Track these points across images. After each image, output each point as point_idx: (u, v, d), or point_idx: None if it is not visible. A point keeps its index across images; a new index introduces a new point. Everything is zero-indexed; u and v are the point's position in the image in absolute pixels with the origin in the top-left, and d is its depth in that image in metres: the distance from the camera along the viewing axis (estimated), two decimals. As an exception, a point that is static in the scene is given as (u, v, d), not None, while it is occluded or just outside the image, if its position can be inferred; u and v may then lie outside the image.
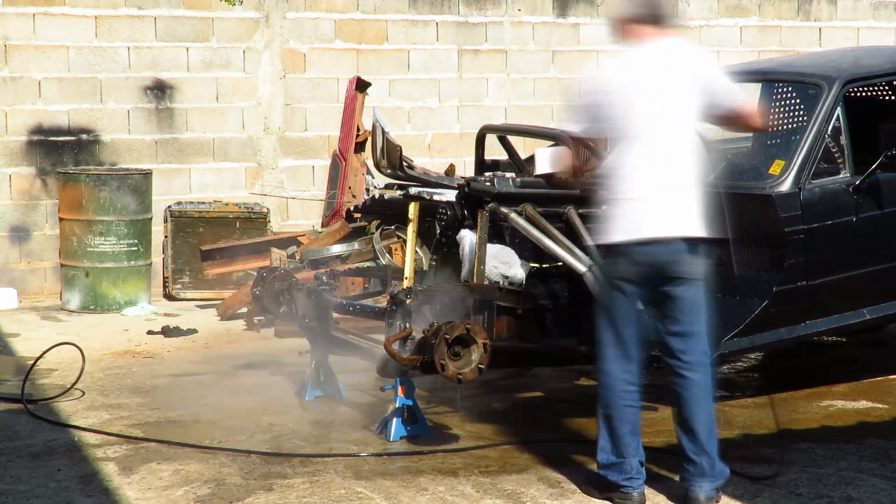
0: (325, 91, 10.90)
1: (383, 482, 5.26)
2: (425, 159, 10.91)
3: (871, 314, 6.82)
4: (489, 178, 6.58)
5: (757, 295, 6.37)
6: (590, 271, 6.18)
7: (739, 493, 5.11)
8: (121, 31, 10.23)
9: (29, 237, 10.08)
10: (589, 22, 11.91)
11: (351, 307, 6.54)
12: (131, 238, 9.66)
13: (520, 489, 5.18)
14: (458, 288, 6.02)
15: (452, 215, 6.40)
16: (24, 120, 10.01)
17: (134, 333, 8.71)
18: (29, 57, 9.98)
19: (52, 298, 10.04)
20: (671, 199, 4.88)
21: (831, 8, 12.92)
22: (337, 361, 7.02)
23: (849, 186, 6.65)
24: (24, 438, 5.96)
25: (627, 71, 5.03)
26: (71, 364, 7.32)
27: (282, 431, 6.10)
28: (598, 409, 5.03)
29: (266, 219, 10.23)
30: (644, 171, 4.89)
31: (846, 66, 7.01)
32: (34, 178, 10.06)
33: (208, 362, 7.76)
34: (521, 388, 6.99)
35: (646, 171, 4.89)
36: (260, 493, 5.13)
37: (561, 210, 6.49)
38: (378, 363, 5.90)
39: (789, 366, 7.56)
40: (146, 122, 10.34)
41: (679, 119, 4.93)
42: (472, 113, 11.40)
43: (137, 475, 5.38)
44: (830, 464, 5.53)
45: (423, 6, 11.25)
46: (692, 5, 12.33)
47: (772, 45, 12.64)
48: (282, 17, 10.72)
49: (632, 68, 5.02)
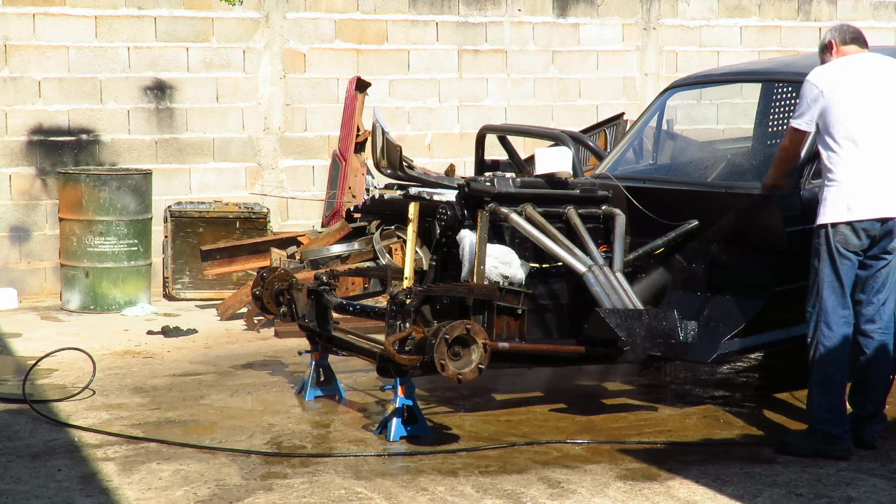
0: (325, 91, 10.90)
1: (383, 482, 5.26)
2: (425, 159, 10.92)
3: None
4: (489, 178, 6.58)
5: (757, 295, 6.37)
6: (590, 271, 6.19)
7: (740, 494, 5.12)
8: (121, 31, 10.23)
9: (29, 237, 10.08)
10: (589, 22, 11.91)
11: (351, 307, 6.54)
12: (131, 238, 9.66)
13: (520, 489, 5.18)
14: (458, 288, 6.02)
15: (452, 215, 6.40)
16: (24, 120, 10.01)
17: (134, 333, 8.71)
18: (29, 57, 9.98)
19: (52, 298, 10.04)
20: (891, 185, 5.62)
21: (831, 8, 12.92)
22: (337, 361, 7.03)
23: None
24: (24, 438, 5.96)
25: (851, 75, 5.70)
26: (71, 365, 7.32)
27: (282, 431, 6.10)
28: (813, 371, 5.70)
29: (266, 219, 10.23)
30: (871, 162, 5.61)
31: (846, 66, 6.99)
32: (34, 178, 10.06)
33: (208, 362, 7.76)
34: (521, 388, 6.99)
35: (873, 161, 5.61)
36: (260, 493, 5.13)
37: (561, 210, 6.49)
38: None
39: (789, 366, 7.55)
40: (146, 122, 10.34)
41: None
42: (472, 113, 11.40)
43: (137, 475, 5.38)
44: (830, 464, 5.53)
45: (423, 6, 11.26)
46: (692, 5, 12.33)
47: (772, 45, 12.65)
48: (282, 17, 10.72)
49: (853, 74, 5.70)
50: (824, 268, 5.65)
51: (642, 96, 11.95)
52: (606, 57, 12.01)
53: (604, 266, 6.24)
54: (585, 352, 6.23)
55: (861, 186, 5.57)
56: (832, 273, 5.64)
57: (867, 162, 5.58)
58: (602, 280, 6.16)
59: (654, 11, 12.16)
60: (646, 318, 6.01)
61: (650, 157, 7.64)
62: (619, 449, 5.78)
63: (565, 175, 6.63)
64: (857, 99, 5.61)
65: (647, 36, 12.16)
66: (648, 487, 5.20)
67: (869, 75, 5.68)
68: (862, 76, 5.67)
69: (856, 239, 5.60)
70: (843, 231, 5.60)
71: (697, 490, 5.17)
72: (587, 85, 11.94)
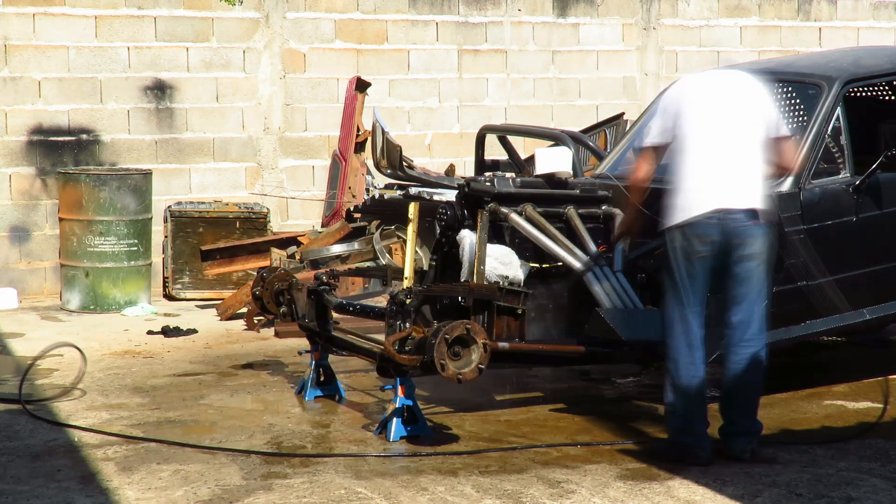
0: (325, 91, 10.90)
1: (383, 482, 5.26)
2: (425, 159, 10.92)
3: (871, 314, 6.82)
4: (489, 178, 6.58)
5: (757, 295, 6.36)
6: (590, 271, 6.19)
7: (739, 494, 5.12)
8: (121, 31, 10.23)
9: (29, 237, 10.08)
10: (589, 22, 11.91)
11: (351, 307, 6.54)
12: (131, 238, 9.66)
13: (520, 489, 5.18)
14: (458, 288, 6.02)
15: (452, 215, 6.40)
16: (24, 120, 10.01)
17: (134, 333, 8.71)
18: (29, 57, 9.98)
19: (52, 298, 10.04)
20: (734, 179, 5.52)
21: (831, 8, 12.92)
22: (337, 361, 7.03)
23: (849, 186, 6.65)
24: (24, 438, 5.96)
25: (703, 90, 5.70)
26: (72, 364, 7.32)
27: (282, 431, 6.10)
28: (667, 381, 5.60)
29: (266, 219, 10.23)
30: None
31: (846, 66, 7.01)
32: (34, 178, 10.06)
33: (208, 362, 7.76)
34: (521, 388, 6.99)
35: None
36: (260, 493, 5.13)
37: (561, 210, 6.49)
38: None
39: (789, 366, 7.56)
40: (146, 122, 10.34)
41: (743, 132, 5.57)
42: (472, 113, 11.40)
43: (137, 475, 5.38)
44: (830, 464, 5.53)
45: (423, 6, 11.25)
46: (692, 5, 12.33)
47: (772, 45, 12.64)
48: (282, 17, 10.72)
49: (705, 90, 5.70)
50: (669, 273, 5.54)
51: (642, 96, 11.95)
52: (606, 57, 12.01)
53: (604, 266, 6.24)
54: (585, 352, 6.23)
55: (697, 188, 5.51)
56: (676, 278, 5.51)
57: (705, 166, 5.52)
58: (602, 280, 6.17)
59: (654, 11, 12.16)
60: (645, 318, 6.01)
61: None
62: (619, 449, 5.78)
63: (565, 175, 6.63)
64: (703, 110, 5.60)
65: (647, 36, 12.16)
66: (648, 487, 5.20)
67: (715, 89, 5.68)
68: (709, 90, 5.67)
69: (698, 243, 5.45)
70: (682, 234, 5.48)
71: (697, 490, 5.17)
72: (587, 85, 11.94)
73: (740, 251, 5.46)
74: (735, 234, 5.44)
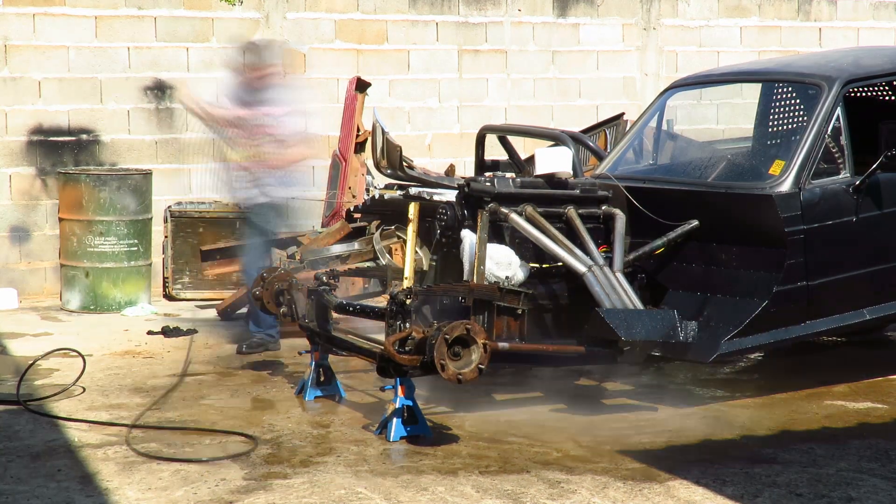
0: (325, 91, 10.89)
1: (383, 482, 5.26)
2: (425, 159, 10.91)
3: (871, 314, 6.82)
4: (489, 178, 6.58)
5: (757, 295, 6.37)
6: (590, 271, 6.19)
7: (739, 494, 5.11)
8: (121, 31, 10.23)
9: (29, 237, 10.08)
10: (589, 22, 11.91)
11: (351, 307, 6.54)
12: (131, 238, 9.66)
13: (520, 489, 5.18)
14: (458, 288, 6.02)
15: (452, 215, 6.41)
16: (24, 120, 10.01)
17: (134, 333, 8.71)
18: (29, 57, 9.98)
19: (52, 298, 10.04)
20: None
21: (831, 8, 12.92)
22: (337, 361, 7.03)
23: (849, 187, 6.65)
24: (24, 438, 5.96)
25: None
26: (72, 365, 7.32)
27: (282, 431, 6.10)
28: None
29: (266, 219, 10.21)
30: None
31: (846, 66, 7.01)
32: (34, 178, 10.06)
33: (208, 362, 7.76)
34: (521, 388, 6.99)
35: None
36: (260, 493, 5.13)
37: (561, 210, 6.49)
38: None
39: (789, 366, 7.56)
40: (146, 122, 10.34)
41: None
42: (472, 113, 11.40)
43: (137, 475, 5.38)
44: (830, 464, 5.53)
45: (423, 6, 11.25)
46: (692, 5, 12.33)
47: (772, 45, 12.64)
48: (282, 17, 10.72)
49: None
50: None
51: (642, 96, 11.95)
52: (606, 57, 12.01)
53: (604, 266, 6.24)
54: (585, 352, 6.23)
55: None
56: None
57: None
58: (602, 280, 6.17)
59: (654, 11, 12.16)
60: (645, 318, 6.01)
61: (650, 157, 7.65)
62: (619, 449, 5.78)
63: (565, 175, 6.63)
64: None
65: (647, 36, 12.16)
66: (648, 487, 5.20)
67: None
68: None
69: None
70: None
71: (697, 490, 5.17)
72: (587, 85, 11.94)
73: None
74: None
